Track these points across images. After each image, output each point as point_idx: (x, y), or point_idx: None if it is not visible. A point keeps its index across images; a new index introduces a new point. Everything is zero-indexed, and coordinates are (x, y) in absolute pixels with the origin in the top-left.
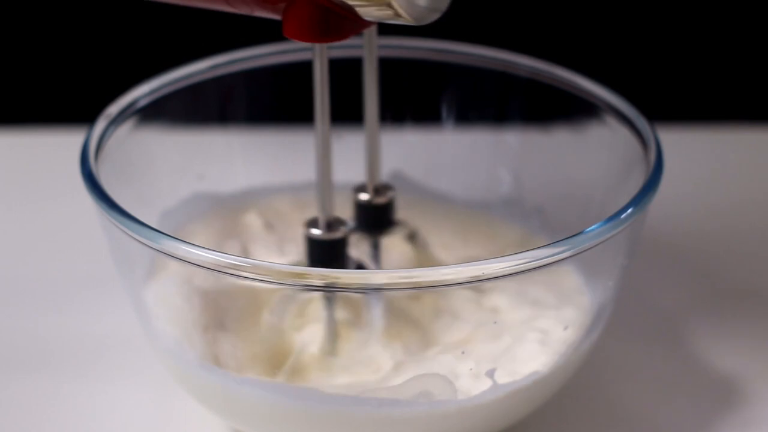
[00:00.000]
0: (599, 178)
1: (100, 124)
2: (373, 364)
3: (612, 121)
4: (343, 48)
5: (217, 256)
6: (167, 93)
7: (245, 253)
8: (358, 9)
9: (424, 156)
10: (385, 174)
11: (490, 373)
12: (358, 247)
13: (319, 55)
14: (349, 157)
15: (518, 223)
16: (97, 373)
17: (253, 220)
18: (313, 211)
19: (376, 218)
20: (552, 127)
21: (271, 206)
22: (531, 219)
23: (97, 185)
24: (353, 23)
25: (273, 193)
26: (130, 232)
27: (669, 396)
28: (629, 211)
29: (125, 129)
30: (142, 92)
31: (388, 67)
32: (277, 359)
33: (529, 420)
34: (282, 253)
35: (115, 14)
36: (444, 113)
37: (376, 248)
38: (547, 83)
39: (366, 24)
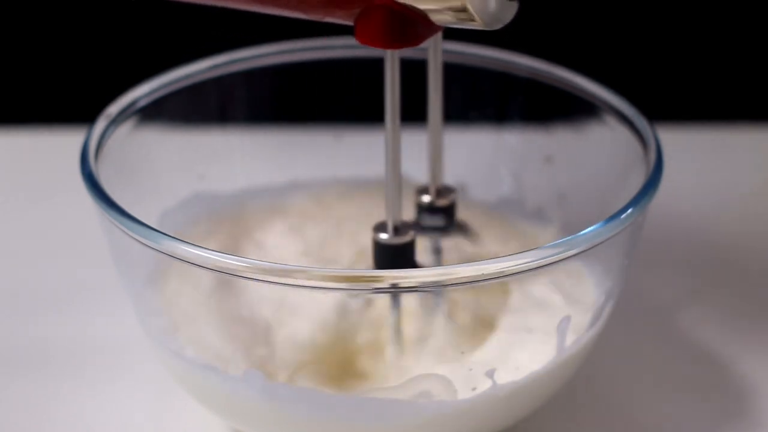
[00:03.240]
0: (599, 178)
1: (100, 124)
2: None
3: (612, 121)
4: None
5: (217, 256)
6: (167, 93)
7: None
8: (431, 14)
9: (424, 156)
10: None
11: (490, 373)
12: (419, 249)
13: (391, 61)
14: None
15: (518, 223)
16: (97, 373)
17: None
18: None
19: (438, 220)
20: (552, 127)
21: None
22: (531, 219)
23: (97, 185)
24: (425, 29)
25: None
26: (130, 232)
27: (670, 395)
28: (629, 211)
29: (125, 129)
30: (142, 92)
31: None
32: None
33: (529, 420)
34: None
35: (115, 14)
36: (444, 113)
37: (438, 250)
38: (547, 83)
39: (437, 29)
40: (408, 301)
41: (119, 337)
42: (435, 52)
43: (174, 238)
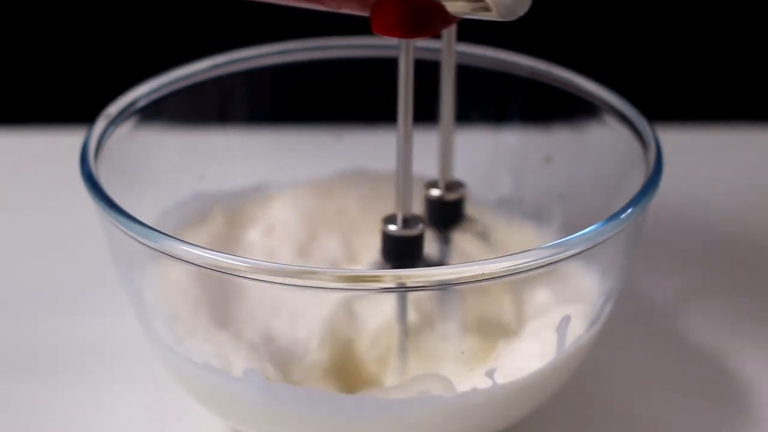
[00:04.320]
0: (599, 178)
1: (100, 124)
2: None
3: (612, 121)
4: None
5: (217, 256)
6: (167, 93)
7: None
8: (447, 4)
9: (424, 156)
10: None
11: (490, 373)
12: (428, 244)
13: (405, 51)
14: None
15: (518, 223)
16: (97, 373)
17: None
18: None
19: (447, 214)
20: (552, 127)
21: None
22: (531, 219)
23: (96, 185)
24: (440, 19)
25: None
26: (129, 232)
27: (670, 395)
28: (629, 211)
29: (125, 129)
30: (142, 92)
31: (387, 67)
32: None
33: (530, 420)
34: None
35: (115, 14)
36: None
37: (446, 244)
38: (546, 83)
39: (453, 20)
40: (407, 300)
41: (119, 337)
42: (449, 46)
43: (173, 237)
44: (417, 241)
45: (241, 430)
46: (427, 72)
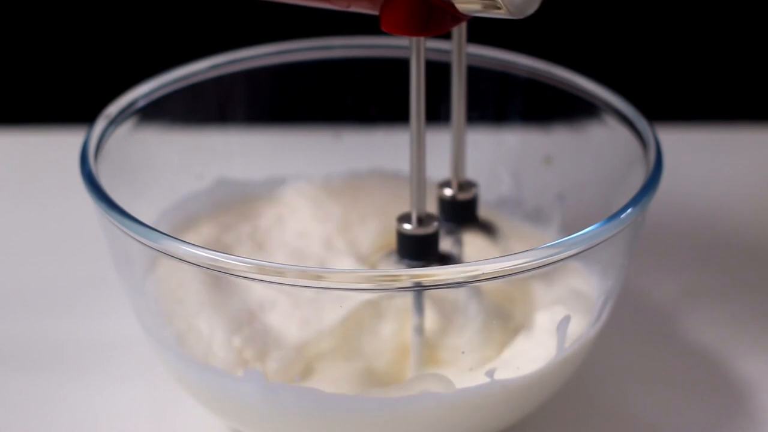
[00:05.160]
0: (599, 178)
1: (100, 124)
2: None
3: (612, 121)
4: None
5: (216, 256)
6: (167, 93)
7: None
8: (456, 2)
9: (436, 154)
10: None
11: (490, 373)
12: (441, 242)
13: (416, 50)
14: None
15: (518, 223)
16: (97, 373)
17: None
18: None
19: (459, 214)
20: (552, 127)
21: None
22: (531, 219)
23: (96, 185)
24: (451, 17)
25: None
26: (129, 232)
27: (670, 395)
28: (629, 211)
29: (125, 129)
30: (141, 92)
31: (388, 67)
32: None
33: (530, 419)
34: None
35: (115, 14)
36: (444, 113)
37: (458, 244)
38: (546, 83)
39: (463, 18)
40: (407, 302)
41: (119, 337)
42: (460, 45)
43: (173, 237)
44: (432, 240)
45: (241, 430)
46: (434, 73)
